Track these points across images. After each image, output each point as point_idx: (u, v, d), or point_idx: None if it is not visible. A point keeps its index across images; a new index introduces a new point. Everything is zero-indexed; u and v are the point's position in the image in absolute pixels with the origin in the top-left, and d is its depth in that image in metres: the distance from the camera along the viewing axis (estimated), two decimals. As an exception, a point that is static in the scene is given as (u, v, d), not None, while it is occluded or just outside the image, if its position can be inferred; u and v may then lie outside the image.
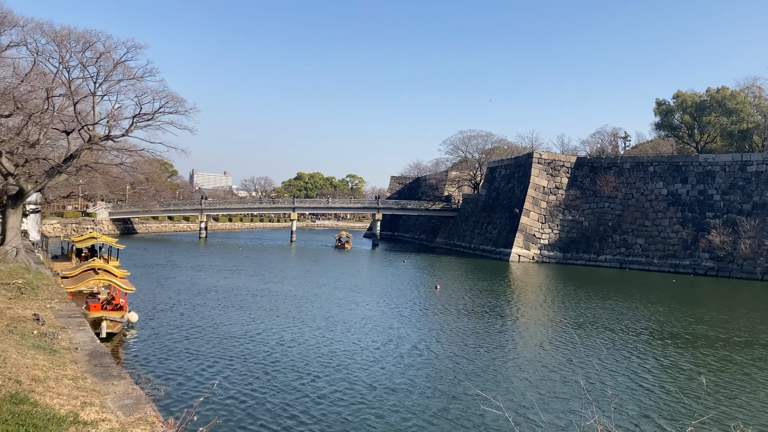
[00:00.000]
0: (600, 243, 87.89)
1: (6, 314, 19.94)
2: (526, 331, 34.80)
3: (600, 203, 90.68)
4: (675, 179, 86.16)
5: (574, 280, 65.02)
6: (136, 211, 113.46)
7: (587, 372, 25.41)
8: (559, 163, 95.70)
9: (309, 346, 28.18)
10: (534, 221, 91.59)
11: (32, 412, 10.56)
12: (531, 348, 30.32)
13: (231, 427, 17.59)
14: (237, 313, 35.89)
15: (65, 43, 37.88)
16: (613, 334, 34.29)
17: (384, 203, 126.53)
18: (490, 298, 47.35)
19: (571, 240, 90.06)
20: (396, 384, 22.73)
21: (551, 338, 32.73)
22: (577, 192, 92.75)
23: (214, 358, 25.35)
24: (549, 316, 40.60)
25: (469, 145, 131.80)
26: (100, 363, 16.48)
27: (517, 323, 37.38)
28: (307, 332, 31.32)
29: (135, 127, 41.09)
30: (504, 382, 23.76)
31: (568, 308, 43.95)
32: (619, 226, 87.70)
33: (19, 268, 32.75)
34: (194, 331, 30.28)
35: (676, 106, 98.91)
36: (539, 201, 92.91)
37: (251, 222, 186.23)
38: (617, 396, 21.85)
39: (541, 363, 27.02)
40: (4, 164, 35.96)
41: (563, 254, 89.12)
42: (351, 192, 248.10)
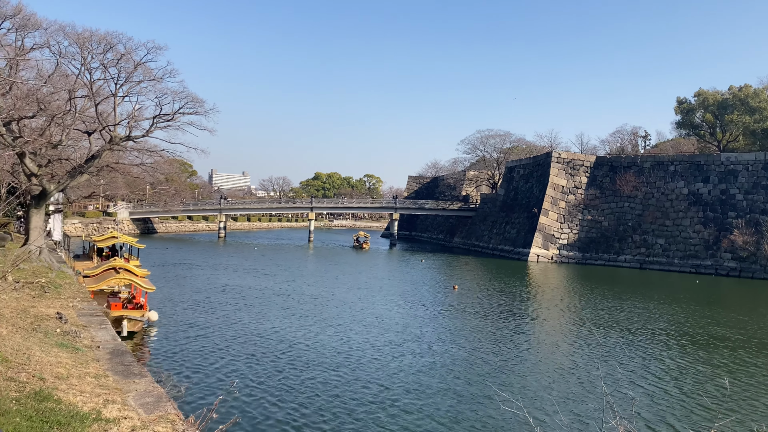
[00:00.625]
0: (620, 243, 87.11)
1: (30, 312, 20.24)
2: (545, 332, 34.61)
3: (620, 203, 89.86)
4: (696, 178, 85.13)
5: (594, 281, 64.52)
6: (156, 211, 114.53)
7: (607, 373, 25.20)
8: (579, 162, 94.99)
9: (327, 345, 28.27)
10: (553, 221, 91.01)
11: (56, 409, 10.70)
12: (550, 348, 30.14)
13: (250, 425, 17.70)
14: (256, 312, 36.10)
15: (87, 44, 38.40)
16: (634, 335, 33.99)
17: (401, 203, 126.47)
18: (508, 299, 47.15)
19: (591, 240, 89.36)
20: (414, 383, 22.72)
21: (570, 339, 32.52)
22: (597, 191, 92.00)
23: (233, 356, 25.52)
24: (568, 316, 40.34)
25: (487, 144, 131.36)
26: (122, 361, 16.66)
27: (536, 323, 37.18)
28: (326, 331, 31.42)
29: (155, 127, 41.55)
30: (523, 382, 23.65)
31: (588, 309, 43.62)
32: (639, 226, 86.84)
33: (42, 267, 33.22)
34: (213, 330, 30.52)
35: (698, 104, 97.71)
36: (558, 200, 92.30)
37: (269, 222, 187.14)
38: (638, 397, 21.66)
39: (561, 363, 26.86)
40: (28, 165, 36.51)
41: (582, 254, 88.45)
42: (368, 192, 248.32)
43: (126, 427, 10.86)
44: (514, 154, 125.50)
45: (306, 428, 17.78)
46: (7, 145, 33.54)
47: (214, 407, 12.81)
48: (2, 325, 16.31)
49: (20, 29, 35.43)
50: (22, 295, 23.17)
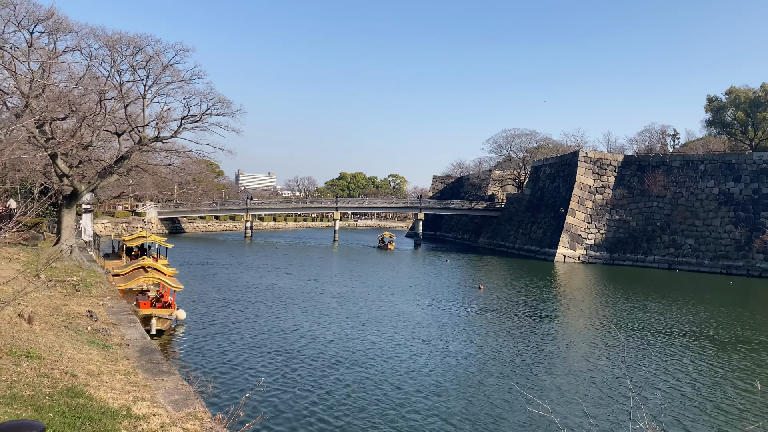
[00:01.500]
0: (648, 243, 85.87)
1: (62, 310, 20.64)
2: (572, 332, 34.28)
3: (648, 203, 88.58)
4: (727, 178, 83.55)
5: (622, 281, 63.71)
6: (184, 211, 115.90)
7: (636, 374, 24.89)
8: (606, 161, 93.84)
9: (353, 344, 28.34)
10: (580, 221, 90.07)
11: (87, 405, 10.89)
12: (576, 349, 29.84)
13: (277, 423, 17.82)
14: (282, 311, 36.33)
15: (117, 47, 39.00)
16: (663, 336, 33.50)
17: (426, 203, 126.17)
18: (534, 299, 46.79)
19: (618, 240, 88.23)
20: (440, 382, 22.68)
21: (598, 339, 32.16)
22: (625, 191, 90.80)
23: (260, 354, 25.72)
24: (596, 317, 39.89)
25: (513, 143, 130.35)
26: (151, 359, 16.90)
27: (563, 324, 36.84)
28: (351, 330, 31.51)
29: (183, 128, 42.06)
30: (549, 383, 23.46)
31: (616, 309, 43.09)
32: (668, 226, 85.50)
33: (74, 266, 33.84)
34: (240, 328, 30.79)
35: (729, 102, 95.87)
36: (585, 200, 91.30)
37: (295, 221, 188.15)
38: (666, 398, 21.35)
39: (588, 364, 26.58)
40: (60, 165, 37.22)
41: (610, 255, 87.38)
42: (393, 191, 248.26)
43: (155, 424, 11.01)
44: (540, 153, 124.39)
45: (332, 427, 17.85)
46: (40, 146, 34.23)
47: (241, 405, 12.95)
48: (36, 323, 16.65)
49: (52, 33, 36.11)
50: (54, 293, 23.63)
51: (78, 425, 9.75)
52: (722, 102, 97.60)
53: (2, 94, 27.31)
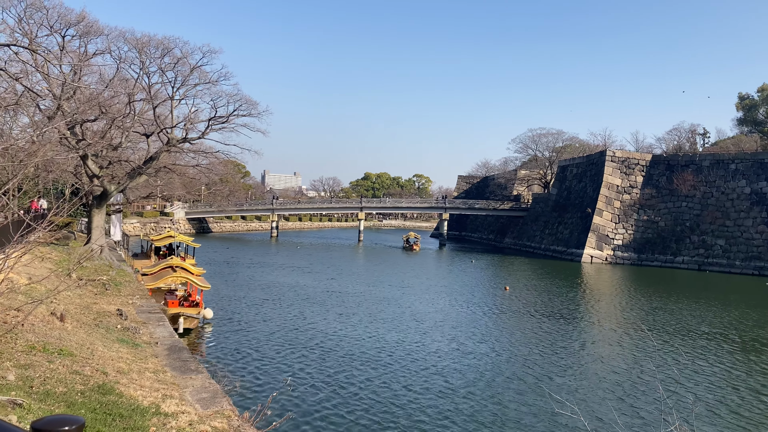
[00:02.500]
0: (677, 244, 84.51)
1: (93, 309, 21.00)
2: (600, 334, 33.88)
3: (677, 203, 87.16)
4: (759, 177, 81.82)
5: (650, 282, 62.80)
6: (211, 211, 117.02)
7: (666, 377, 24.50)
8: (634, 161, 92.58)
9: (379, 344, 28.35)
10: (607, 221, 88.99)
11: (118, 402, 11.06)
12: (606, 351, 29.48)
13: (304, 422, 17.89)
14: (308, 311, 36.48)
15: (146, 49, 39.56)
16: (694, 339, 32.93)
17: (451, 203, 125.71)
18: (561, 300, 46.34)
19: (647, 240, 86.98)
20: (467, 383, 22.58)
21: (627, 341, 31.73)
22: (653, 191, 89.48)
23: (286, 353, 25.86)
24: (624, 318, 39.37)
25: (539, 143, 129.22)
26: (179, 357, 17.10)
27: (591, 325, 36.43)
28: (377, 330, 31.53)
29: (210, 129, 42.53)
30: (577, 385, 23.22)
31: (645, 311, 42.47)
32: (698, 227, 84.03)
33: (104, 265, 34.41)
34: (267, 327, 30.99)
35: (761, 99, 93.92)
36: (613, 200, 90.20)
37: (320, 221, 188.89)
38: (699, 403, 20.98)
39: (617, 367, 26.25)
40: (90, 166, 37.87)
41: (638, 255, 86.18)
42: (418, 192, 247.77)
43: (184, 422, 11.13)
44: (566, 153, 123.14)
45: (359, 427, 17.87)
46: (71, 147, 34.88)
47: (268, 403, 13.05)
48: (68, 321, 16.96)
49: (84, 36, 36.76)
50: (85, 292, 24.05)
51: (109, 422, 9.90)
52: (754, 100, 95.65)
53: (35, 96, 27.86)
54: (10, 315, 13.98)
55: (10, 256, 10.26)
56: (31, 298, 16.79)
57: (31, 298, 16.42)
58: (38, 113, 34.93)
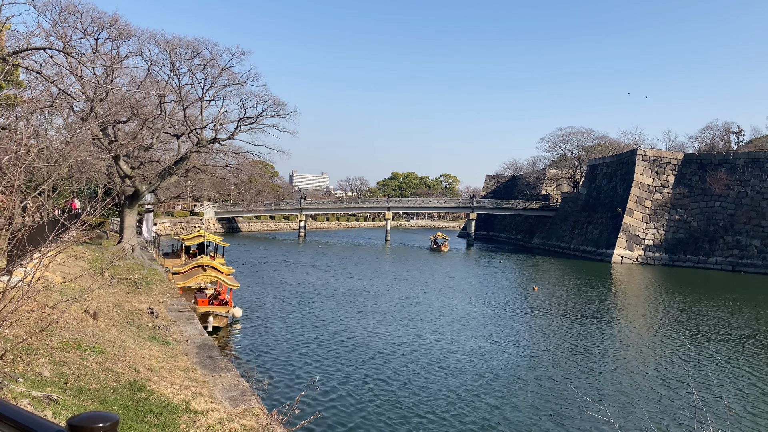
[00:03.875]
0: (710, 244, 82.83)
1: (125, 307, 21.35)
2: (632, 336, 33.37)
3: (710, 202, 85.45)
4: (796, 176, 79.82)
5: (683, 283, 61.68)
6: (240, 211, 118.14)
7: (700, 380, 24.05)
8: (665, 160, 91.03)
9: (407, 344, 28.32)
10: (638, 221, 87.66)
11: (149, 399, 11.22)
12: (637, 353, 29.03)
13: (332, 421, 17.96)
14: (337, 310, 36.61)
15: (176, 51, 40.10)
16: (729, 342, 32.25)
17: (479, 202, 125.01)
18: (591, 300, 45.78)
19: (678, 241, 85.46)
20: (496, 383, 22.44)
21: (659, 343, 31.21)
22: (685, 190, 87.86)
23: (315, 353, 25.98)
24: (656, 320, 38.74)
25: (568, 142, 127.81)
26: (208, 355, 17.29)
27: (622, 327, 35.92)
28: (405, 330, 31.50)
29: (239, 130, 42.93)
30: (607, 386, 22.92)
31: (677, 312, 41.72)
32: (732, 227, 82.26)
33: (135, 264, 34.96)
34: (295, 327, 31.17)
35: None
36: (643, 200, 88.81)
37: (347, 221, 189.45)
38: (733, 406, 20.55)
39: (648, 368, 25.84)
40: (122, 167, 38.51)
41: (669, 256, 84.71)
42: (445, 191, 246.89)
43: (213, 419, 11.26)
44: (596, 152, 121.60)
45: (388, 428, 17.87)
46: (103, 148, 35.50)
47: (296, 402, 13.11)
48: (100, 319, 17.27)
49: (116, 39, 37.40)
50: (117, 290, 24.46)
51: (141, 419, 10.06)
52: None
53: (69, 98, 28.41)
54: (45, 312, 14.28)
55: (45, 255, 10.48)
56: (65, 296, 17.13)
57: (65, 296, 16.75)
58: (72, 115, 35.63)
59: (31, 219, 15.97)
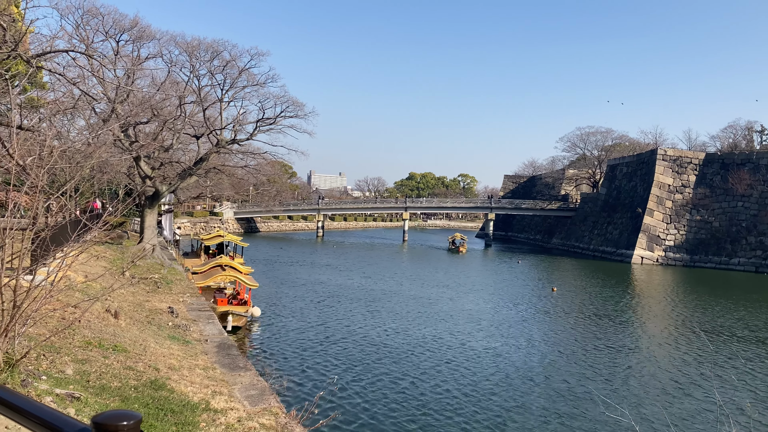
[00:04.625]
0: (732, 245, 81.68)
1: (145, 306, 21.57)
2: (653, 338, 33.02)
3: (732, 202, 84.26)
4: (822, 176, 78.43)
5: (705, 285, 60.89)
6: (259, 211, 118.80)
7: (722, 384, 23.73)
8: (686, 159, 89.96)
9: (425, 345, 28.28)
10: (658, 221, 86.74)
11: (169, 398, 11.32)
12: (658, 354, 28.71)
13: (350, 421, 17.98)
14: (355, 310, 36.66)
15: (196, 53, 40.43)
16: (753, 344, 31.78)
17: (497, 203, 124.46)
18: (611, 302, 45.38)
19: (700, 241, 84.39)
20: (515, 384, 22.34)
21: (681, 346, 30.83)
22: (707, 190, 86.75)
23: (333, 353, 26.03)
24: (678, 322, 38.28)
25: (587, 142, 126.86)
26: (228, 354, 17.40)
27: (643, 329, 35.56)
28: (423, 330, 31.45)
29: (258, 131, 43.16)
30: (627, 389, 22.69)
31: (699, 314, 41.19)
32: (755, 227, 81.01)
33: (155, 263, 35.30)
34: (314, 326, 31.26)
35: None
36: (664, 200, 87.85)
37: (365, 221, 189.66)
38: (756, 409, 20.24)
39: (670, 370, 25.55)
40: (143, 167, 38.91)
41: (690, 257, 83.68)
42: (463, 191, 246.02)
43: (233, 418, 11.33)
44: (616, 151, 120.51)
45: (405, 428, 17.86)
46: (124, 149, 35.90)
47: (315, 402, 13.17)
48: (121, 318, 17.46)
49: (136, 41, 37.80)
50: (137, 290, 24.72)
51: (161, 417, 10.15)
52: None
53: (91, 100, 28.78)
54: (68, 311, 14.47)
55: (68, 255, 10.62)
56: (87, 295, 17.35)
57: (87, 296, 16.97)
58: (94, 116, 36.08)
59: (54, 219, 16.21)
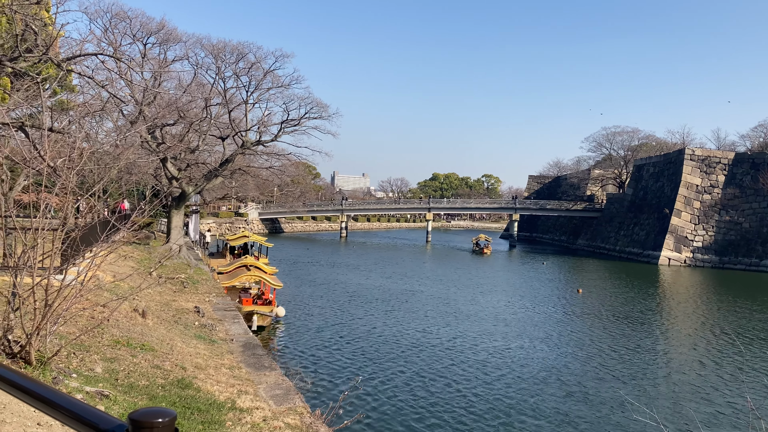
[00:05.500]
0: (763, 246, 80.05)
1: (172, 306, 21.82)
2: (682, 340, 32.52)
3: (763, 203, 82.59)
4: None
5: (734, 286, 59.79)
6: (283, 212, 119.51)
7: (755, 388, 23.28)
8: (715, 159, 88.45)
9: (450, 346, 28.18)
10: (686, 222, 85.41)
11: (196, 396, 11.44)
12: (688, 358, 28.26)
13: (374, 421, 17.99)
14: (379, 311, 36.68)
15: (221, 55, 40.82)
16: (782, 347, 31.14)
17: (521, 203, 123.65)
18: (639, 304, 44.79)
19: (729, 243, 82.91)
20: (541, 385, 22.16)
21: (711, 349, 30.29)
22: (736, 191, 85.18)
23: (358, 353, 26.06)
24: (707, 324, 37.63)
25: (613, 141, 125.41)
26: (253, 354, 17.52)
27: (671, 331, 35.04)
28: (448, 332, 31.36)
29: (283, 132, 43.44)
30: (656, 392, 22.37)
31: (729, 317, 40.42)
32: (787, 228, 79.36)
33: (182, 264, 35.69)
34: (338, 327, 31.34)
35: None
36: (692, 200, 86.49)
37: (388, 222, 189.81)
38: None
39: (699, 374, 25.13)
40: (170, 169, 39.38)
41: (719, 258, 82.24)
42: (487, 192, 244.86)
43: (258, 417, 11.40)
44: (642, 151, 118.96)
45: (429, 429, 17.82)
46: (152, 150, 36.38)
47: (340, 402, 13.20)
48: (149, 317, 17.69)
49: (163, 43, 38.30)
50: (164, 289, 25.03)
51: (188, 415, 10.27)
52: None
53: (119, 102, 29.22)
54: (97, 311, 14.71)
55: (97, 255, 10.79)
56: (115, 294, 17.61)
57: (115, 295, 17.22)
58: (121, 118, 36.63)
59: (83, 220, 16.48)
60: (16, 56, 14.70)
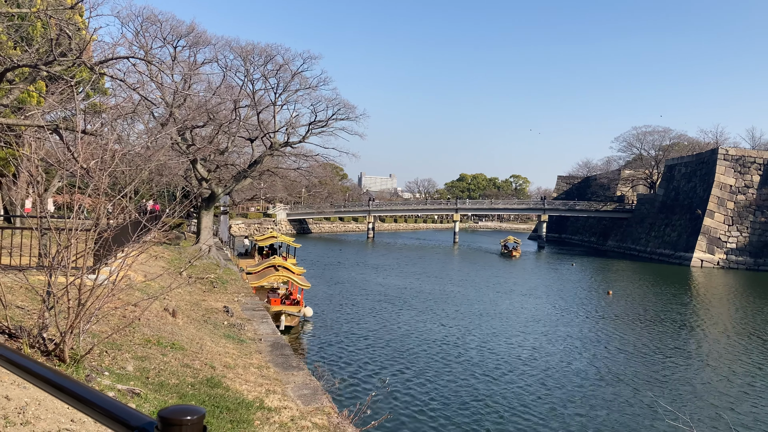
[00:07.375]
0: (801, 248, 78.10)
1: (202, 306, 22.07)
2: (714, 343, 31.87)
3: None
4: None
5: (769, 289, 58.44)
6: (311, 213, 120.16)
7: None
8: (750, 159, 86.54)
9: (478, 348, 28.03)
10: (719, 223, 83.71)
11: (225, 395, 11.54)
12: (720, 361, 27.70)
13: (401, 422, 17.97)
14: (406, 312, 36.65)
15: (250, 57, 41.18)
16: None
17: (550, 204, 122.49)
18: (671, 306, 44.03)
19: (765, 244, 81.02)
20: (572, 388, 21.92)
21: (747, 353, 29.63)
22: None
23: (386, 354, 26.07)
24: (742, 327, 36.83)
25: (644, 141, 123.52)
26: (281, 354, 17.61)
27: (703, 333, 34.38)
28: (476, 333, 31.20)
29: (311, 133, 43.65)
30: (690, 397, 21.96)
31: (766, 321, 39.50)
32: (825, 229, 77.30)
33: (211, 264, 36.06)
34: (366, 327, 31.39)
35: None
36: (725, 201, 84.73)
37: (415, 223, 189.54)
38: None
39: (733, 378, 24.61)
40: (199, 170, 39.84)
41: (754, 260, 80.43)
42: (515, 193, 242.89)
43: (286, 417, 11.46)
44: (674, 151, 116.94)
45: (458, 430, 17.74)
46: (182, 152, 36.85)
47: (367, 402, 13.21)
48: (179, 316, 17.91)
49: (193, 46, 38.77)
50: (194, 289, 25.31)
51: (217, 414, 10.36)
52: None
53: (150, 104, 29.66)
54: (128, 310, 14.93)
55: (129, 255, 10.96)
56: (146, 294, 17.86)
57: (146, 295, 17.47)
58: (152, 120, 37.16)
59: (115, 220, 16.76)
60: (51, 60, 15.01)
